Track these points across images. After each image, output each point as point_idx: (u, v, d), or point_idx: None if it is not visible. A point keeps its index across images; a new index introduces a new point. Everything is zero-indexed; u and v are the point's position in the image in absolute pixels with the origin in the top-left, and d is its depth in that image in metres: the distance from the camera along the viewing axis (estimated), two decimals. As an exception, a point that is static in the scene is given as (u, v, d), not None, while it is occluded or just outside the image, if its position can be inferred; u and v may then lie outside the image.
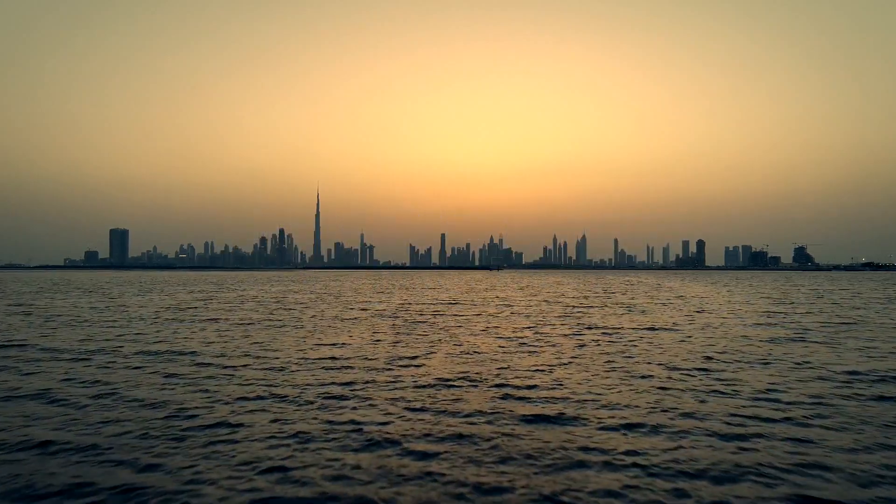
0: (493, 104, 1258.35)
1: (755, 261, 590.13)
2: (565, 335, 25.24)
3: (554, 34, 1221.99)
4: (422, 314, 36.62)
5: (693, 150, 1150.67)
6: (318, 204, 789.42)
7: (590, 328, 28.15)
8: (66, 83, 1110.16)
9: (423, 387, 14.65)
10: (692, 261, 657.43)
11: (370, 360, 18.69)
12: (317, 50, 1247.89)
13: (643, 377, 15.64)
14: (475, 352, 20.40)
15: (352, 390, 14.16)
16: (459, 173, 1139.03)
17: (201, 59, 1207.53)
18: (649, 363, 17.92)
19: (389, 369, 16.97)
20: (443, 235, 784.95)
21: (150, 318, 32.68)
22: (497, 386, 14.70)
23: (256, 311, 38.08)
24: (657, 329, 27.67)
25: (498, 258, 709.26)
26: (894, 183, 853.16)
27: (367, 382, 15.09)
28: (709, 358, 18.80)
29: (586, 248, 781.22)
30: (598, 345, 22.09)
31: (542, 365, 17.57)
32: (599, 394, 13.64)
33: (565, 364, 17.76)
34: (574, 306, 43.92)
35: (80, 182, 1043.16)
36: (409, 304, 47.20)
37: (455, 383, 15.05)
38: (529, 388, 14.38)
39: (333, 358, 18.94)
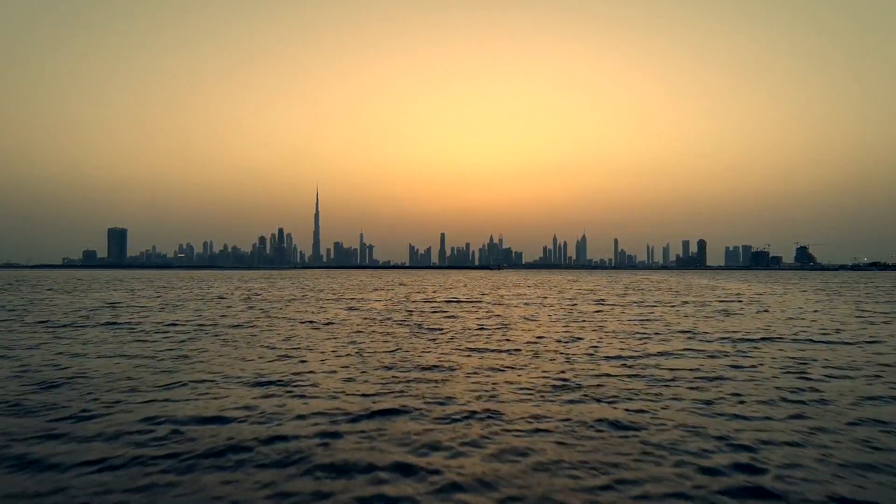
0: (493, 104, 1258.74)
1: (757, 261, 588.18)
2: (664, 351, 19.94)
3: (554, 34, 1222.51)
4: (435, 312, 32.88)
5: (693, 150, 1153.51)
6: (317, 204, 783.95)
7: (722, 341, 22.91)
8: (66, 83, 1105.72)
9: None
10: (693, 261, 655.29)
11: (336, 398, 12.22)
12: (317, 50, 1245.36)
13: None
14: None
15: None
16: (459, 173, 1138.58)
17: (201, 59, 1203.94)
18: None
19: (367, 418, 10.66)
20: (442, 235, 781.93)
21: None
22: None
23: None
24: (809, 341, 22.82)
25: (498, 258, 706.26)
26: (894, 183, 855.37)
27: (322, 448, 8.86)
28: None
29: (586, 248, 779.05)
30: (777, 373, 15.55)
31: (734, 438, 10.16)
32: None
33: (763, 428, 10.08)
34: (636, 304, 40.08)
35: (80, 182, 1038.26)
36: (412, 300, 43.50)
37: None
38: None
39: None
